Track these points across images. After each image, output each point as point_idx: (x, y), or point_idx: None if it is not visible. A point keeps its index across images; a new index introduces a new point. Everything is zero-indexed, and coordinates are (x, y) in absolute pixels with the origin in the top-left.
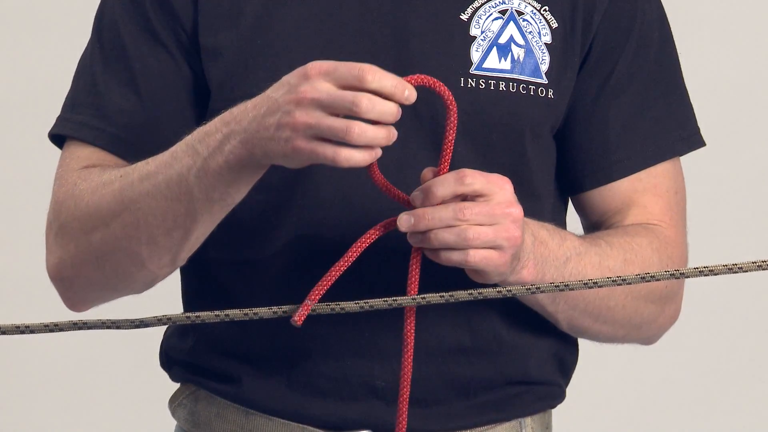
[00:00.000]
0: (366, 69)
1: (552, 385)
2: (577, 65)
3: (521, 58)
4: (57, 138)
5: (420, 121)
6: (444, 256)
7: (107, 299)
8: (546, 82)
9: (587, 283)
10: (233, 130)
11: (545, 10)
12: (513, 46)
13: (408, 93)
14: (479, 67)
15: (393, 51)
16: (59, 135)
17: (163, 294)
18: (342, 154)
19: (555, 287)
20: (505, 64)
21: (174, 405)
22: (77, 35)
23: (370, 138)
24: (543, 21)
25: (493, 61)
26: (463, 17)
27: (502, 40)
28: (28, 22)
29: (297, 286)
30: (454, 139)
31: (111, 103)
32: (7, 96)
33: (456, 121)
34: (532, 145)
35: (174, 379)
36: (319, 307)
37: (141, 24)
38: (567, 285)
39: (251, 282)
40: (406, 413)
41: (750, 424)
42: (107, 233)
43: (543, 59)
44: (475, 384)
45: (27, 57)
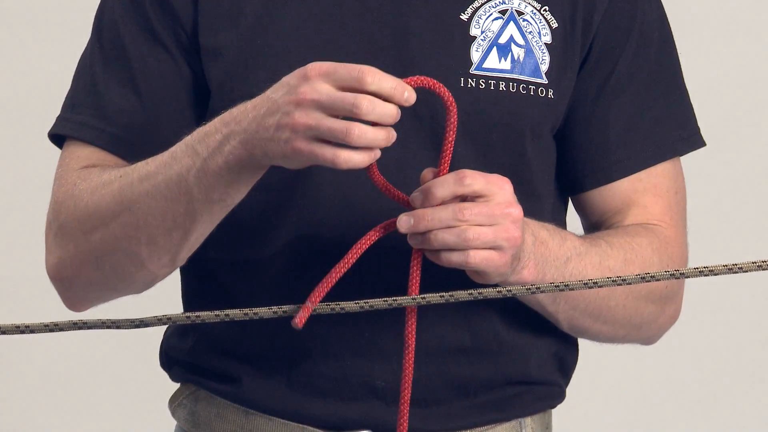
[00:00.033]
0: (365, 71)
1: (552, 385)
2: (577, 65)
3: (521, 58)
4: (57, 138)
5: (420, 121)
6: (444, 257)
7: (107, 299)
8: (546, 82)
9: (587, 283)
10: (233, 130)
11: (545, 10)
12: (513, 46)
13: (407, 95)
14: (479, 67)
15: (393, 51)
16: (59, 135)
17: (163, 294)
18: (341, 156)
19: (555, 287)
20: (505, 64)
21: (174, 405)
22: (77, 35)
23: (369, 140)
24: (543, 21)
25: (493, 61)
26: (463, 17)
27: (502, 40)
28: (28, 22)
29: (297, 286)
30: (454, 141)
31: (111, 103)
32: (7, 96)
33: (456, 123)
34: (532, 145)
35: (174, 379)
36: (320, 307)
37: (141, 24)
38: (567, 285)
39: (251, 282)
40: (407, 414)
41: (750, 424)
42: (107, 233)
43: (543, 59)
44: (475, 384)
45: (27, 57)
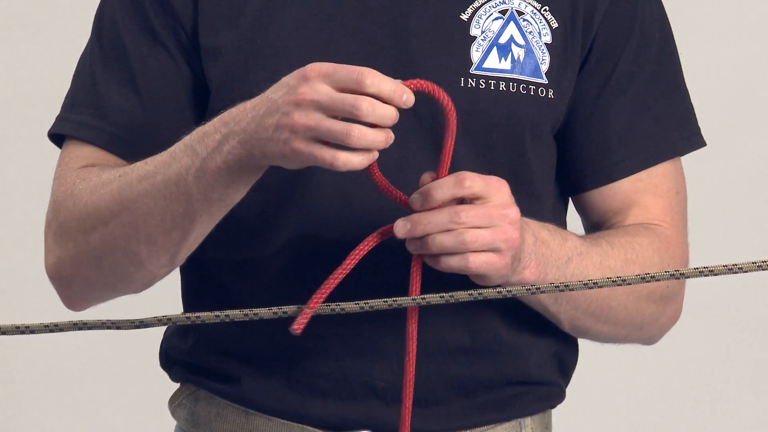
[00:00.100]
0: (365, 72)
1: (552, 386)
2: (578, 65)
3: (521, 58)
4: (56, 137)
5: (420, 121)
6: (444, 261)
7: (106, 298)
8: (546, 82)
9: (587, 284)
10: (232, 130)
11: (545, 10)
12: (513, 46)
13: (406, 97)
14: (479, 67)
15: (393, 51)
16: (58, 134)
17: (163, 294)
18: (340, 158)
19: (555, 287)
20: (506, 64)
21: (174, 405)
22: (77, 35)
23: (369, 141)
24: (543, 21)
25: (494, 61)
26: (464, 17)
27: (502, 40)
28: (28, 22)
29: (297, 286)
30: (452, 147)
31: (110, 103)
32: (7, 96)
33: (455, 130)
34: (532, 145)
35: (174, 379)
36: (320, 308)
37: (141, 24)
38: (567, 285)
39: (251, 282)
40: (409, 416)
41: (750, 423)
42: (106, 233)
43: (543, 59)
44: (475, 384)
45: (27, 57)
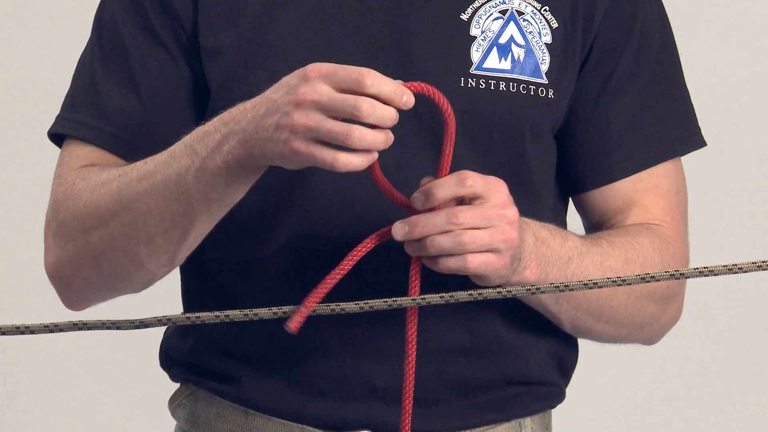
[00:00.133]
0: (365, 73)
1: (552, 386)
2: (578, 65)
3: (521, 58)
4: (56, 137)
5: (419, 121)
6: (442, 263)
7: (105, 298)
8: (546, 82)
9: (587, 284)
10: (232, 130)
11: (545, 10)
12: (513, 46)
13: (406, 99)
14: (479, 67)
15: (393, 51)
16: (58, 134)
17: (163, 294)
18: (341, 159)
19: (555, 287)
20: (506, 64)
21: (174, 405)
22: (77, 35)
23: (369, 142)
24: (543, 21)
25: (494, 61)
26: (464, 17)
27: (502, 40)
28: (28, 22)
29: (297, 286)
30: (452, 153)
31: (110, 103)
32: (7, 96)
33: (454, 135)
34: (532, 145)
35: (174, 379)
36: (320, 308)
37: (141, 24)
38: (567, 285)
39: (251, 282)
40: (410, 416)
41: (750, 423)
42: (105, 233)
43: (543, 59)
44: (475, 384)
45: (27, 57)
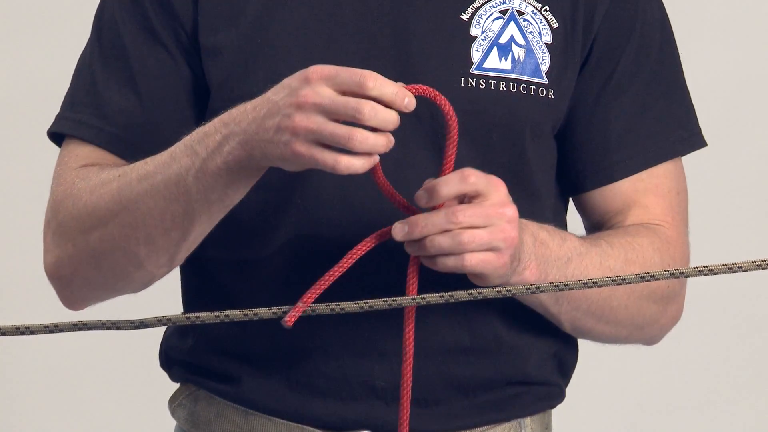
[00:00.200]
0: (367, 76)
1: (552, 386)
2: (578, 65)
3: (522, 58)
4: (56, 136)
5: (420, 121)
6: (441, 262)
7: (105, 298)
8: (546, 82)
9: (587, 283)
10: (232, 131)
11: (546, 10)
12: (513, 46)
13: (408, 101)
14: (479, 67)
15: (393, 51)
16: (58, 133)
17: (163, 294)
18: (342, 162)
19: (554, 287)
20: (506, 64)
21: (174, 405)
22: (77, 35)
23: (370, 145)
24: (543, 21)
25: (494, 61)
26: (464, 17)
27: (502, 40)
28: (28, 22)
29: (296, 285)
30: (455, 155)
31: (110, 103)
32: (7, 96)
33: (456, 137)
34: (532, 145)
35: (174, 379)
36: (319, 308)
37: (141, 23)
38: (566, 285)
39: (251, 281)
40: (407, 415)
41: (750, 423)
42: (105, 233)
43: (543, 59)
44: (475, 384)
45: (27, 57)
